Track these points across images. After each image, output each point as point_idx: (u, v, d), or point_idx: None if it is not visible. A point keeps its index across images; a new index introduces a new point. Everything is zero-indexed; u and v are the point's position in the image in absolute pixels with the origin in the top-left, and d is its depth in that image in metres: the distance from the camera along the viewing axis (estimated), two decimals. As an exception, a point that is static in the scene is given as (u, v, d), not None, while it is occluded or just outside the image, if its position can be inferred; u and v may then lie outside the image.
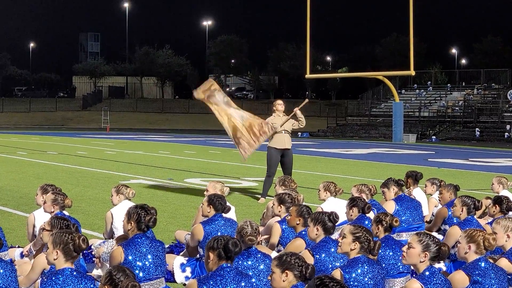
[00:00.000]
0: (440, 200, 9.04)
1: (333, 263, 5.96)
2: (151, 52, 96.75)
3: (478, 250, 5.42)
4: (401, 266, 6.31)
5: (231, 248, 5.04)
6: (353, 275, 5.38)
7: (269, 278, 4.80)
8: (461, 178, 18.88)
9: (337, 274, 5.37)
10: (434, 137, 47.93)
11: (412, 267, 5.75)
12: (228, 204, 7.44)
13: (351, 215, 7.56)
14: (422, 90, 59.17)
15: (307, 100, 14.89)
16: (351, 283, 5.34)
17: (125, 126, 65.80)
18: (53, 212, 7.30)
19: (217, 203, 7.33)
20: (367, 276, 5.42)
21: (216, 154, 28.22)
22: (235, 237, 5.76)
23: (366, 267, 5.45)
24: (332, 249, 6.06)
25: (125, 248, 5.97)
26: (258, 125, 13.48)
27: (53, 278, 4.87)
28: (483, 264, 5.37)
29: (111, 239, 7.56)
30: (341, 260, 5.95)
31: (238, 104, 15.75)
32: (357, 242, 5.51)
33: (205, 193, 8.40)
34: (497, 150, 36.27)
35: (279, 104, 14.02)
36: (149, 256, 6.00)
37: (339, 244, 5.61)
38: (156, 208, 6.43)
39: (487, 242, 5.41)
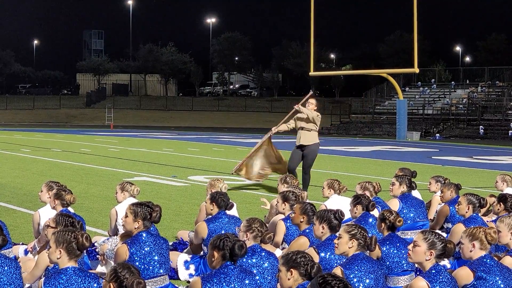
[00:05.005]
0: (441, 198, 9.03)
1: (339, 261, 5.94)
2: (155, 50, 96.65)
3: (483, 246, 5.42)
4: (405, 264, 6.30)
5: (237, 252, 5.01)
6: (354, 271, 5.39)
7: (277, 276, 4.80)
8: (465, 176, 18.86)
9: (337, 271, 5.38)
10: (438, 135, 47.82)
11: (417, 265, 5.74)
12: (230, 201, 7.45)
13: (355, 213, 7.56)
14: (426, 88, 59.00)
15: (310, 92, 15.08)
16: (352, 279, 5.35)
17: (129, 124, 65.80)
18: (58, 208, 7.30)
19: (220, 200, 7.33)
20: (367, 272, 5.43)
21: (220, 151, 28.23)
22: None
23: (365, 263, 5.46)
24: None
25: (130, 245, 5.97)
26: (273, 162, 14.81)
27: (56, 277, 4.86)
28: (488, 261, 5.37)
29: (115, 236, 7.56)
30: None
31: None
32: (354, 240, 5.52)
33: (207, 192, 8.39)
34: (501, 148, 36.20)
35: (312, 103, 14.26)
36: (153, 254, 6.00)
37: (336, 245, 5.60)
38: (160, 205, 6.42)
39: (489, 236, 5.42)
